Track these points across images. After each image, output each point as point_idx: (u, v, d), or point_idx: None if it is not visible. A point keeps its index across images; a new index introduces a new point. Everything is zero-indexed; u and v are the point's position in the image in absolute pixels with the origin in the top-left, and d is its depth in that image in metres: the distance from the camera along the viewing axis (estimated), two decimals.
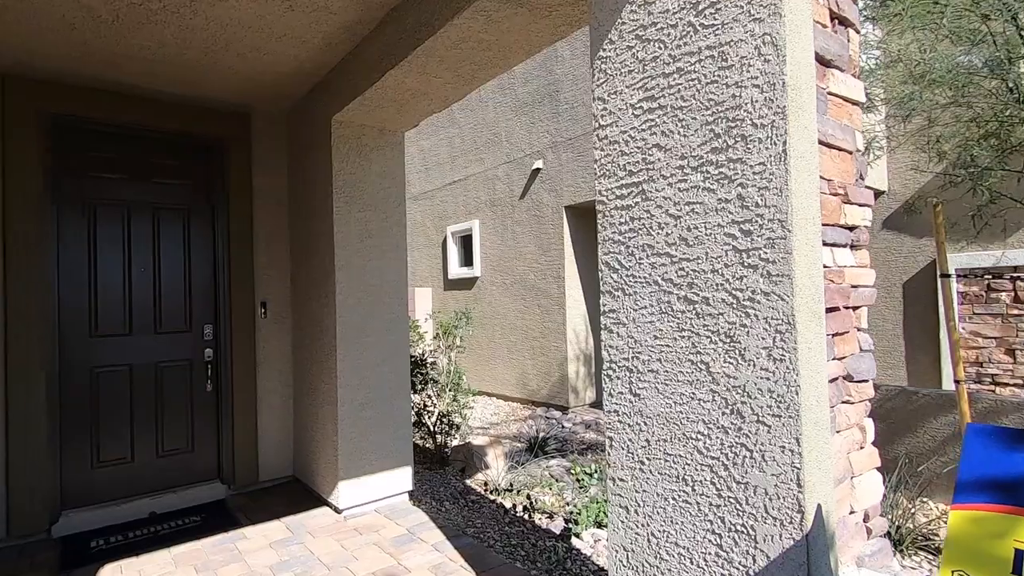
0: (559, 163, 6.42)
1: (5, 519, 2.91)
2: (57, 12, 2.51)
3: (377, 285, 3.37)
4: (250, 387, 3.68)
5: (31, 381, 2.99)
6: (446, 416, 4.87)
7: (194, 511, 3.35)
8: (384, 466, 3.36)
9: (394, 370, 3.43)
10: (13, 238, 2.96)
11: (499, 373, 7.33)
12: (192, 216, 3.61)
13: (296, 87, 3.47)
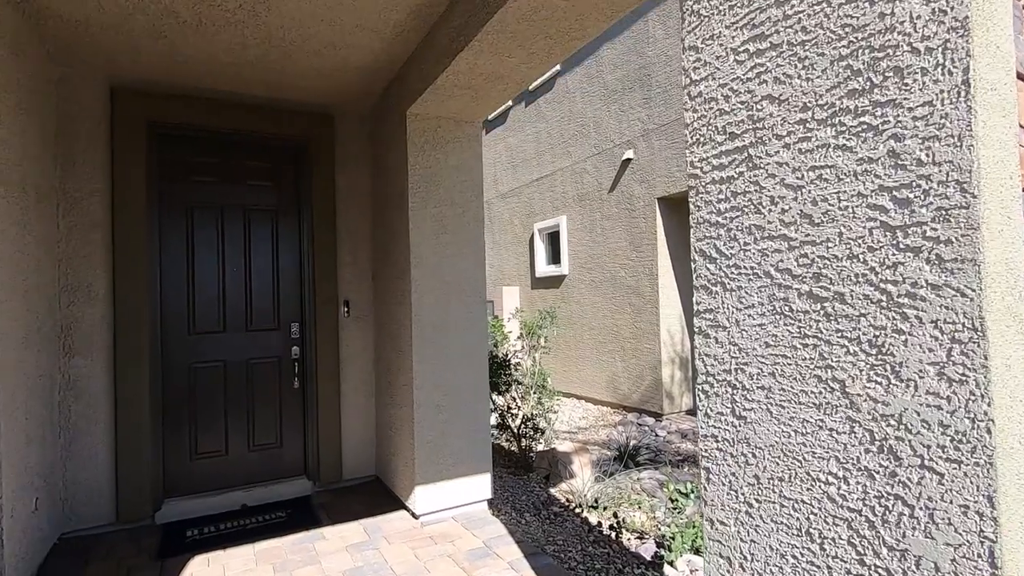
0: (651, 152, 5.99)
1: (115, 505, 3.10)
2: (149, 22, 2.61)
3: (454, 283, 3.24)
4: (334, 385, 3.70)
5: (137, 376, 3.17)
6: (530, 419, 4.67)
7: (281, 506, 3.41)
8: (462, 472, 3.22)
9: (472, 372, 3.28)
10: (122, 241, 3.15)
11: (587, 375, 7.02)
12: (280, 217, 3.70)
13: (373, 83, 3.42)
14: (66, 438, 3.01)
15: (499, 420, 4.76)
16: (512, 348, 5.20)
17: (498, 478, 4.31)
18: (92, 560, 2.76)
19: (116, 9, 2.48)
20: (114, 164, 3.16)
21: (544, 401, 4.77)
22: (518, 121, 8.59)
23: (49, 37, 2.72)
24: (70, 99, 3.08)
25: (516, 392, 4.79)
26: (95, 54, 2.91)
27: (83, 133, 3.11)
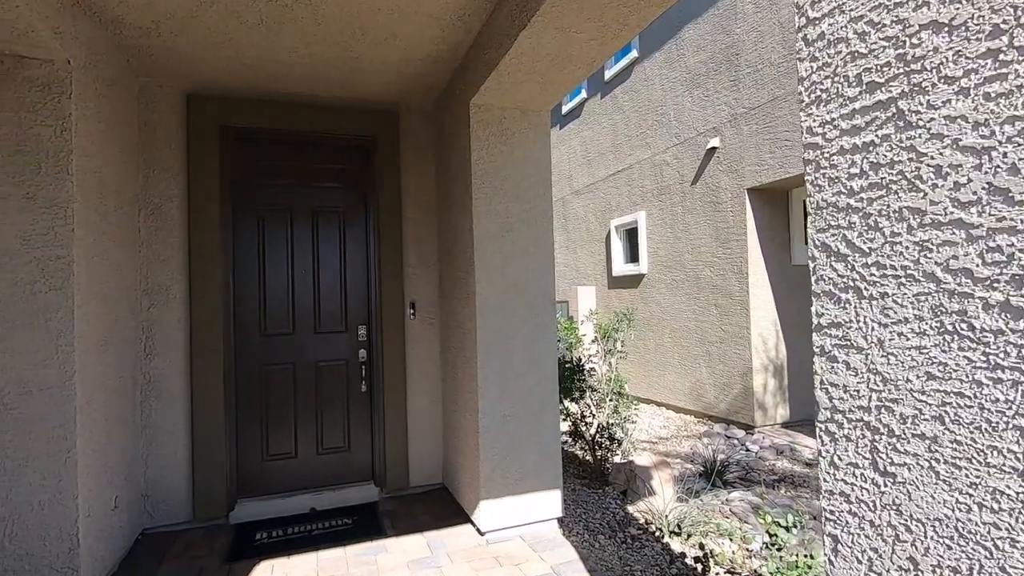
0: (740, 139, 5.47)
1: (192, 503, 3.17)
2: (214, 23, 2.60)
3: (520, 284, 3.02)
4: (400, 389, 3.61)
5: (212, 377, 3.22)
6: (606, 429, 4.36)
7: (347, 512, 3.35)
8: (530, 487, 3.00)
9: (541, 380, 3.05)
10: (197, 245, 3.22)
11: (668, 381, 6.57)
12: (346, 217, 3.65)
13: (437, 75, 3.28)
14: (147, 437, 3.11)
15: (572, 428, 4.50)
16: (586, 352, 4.91)
17: (571, 490, 4.05)
18: (168, 559, 2.81)
19: (182, 12, 2.49)
20: (189, 169, 3.23)
21: (621, 410, 4.44)
22: (593, 114, 8.25)
23: (127, 47, 2.79)
24: (150, 108, 3.17)
25: (590, 399, 4.50)
26: (170, 62, 2.96)
27: (162, 140, 3.19)
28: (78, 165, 2.35)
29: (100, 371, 2.54)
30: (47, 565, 2.24)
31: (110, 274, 2.68)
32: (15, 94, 2.25)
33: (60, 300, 2.28)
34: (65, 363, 2.27)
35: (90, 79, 2.47)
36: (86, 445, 2.36)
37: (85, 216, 2.41)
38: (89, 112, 2.46)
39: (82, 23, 2.40)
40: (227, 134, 3.34)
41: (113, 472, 2.67)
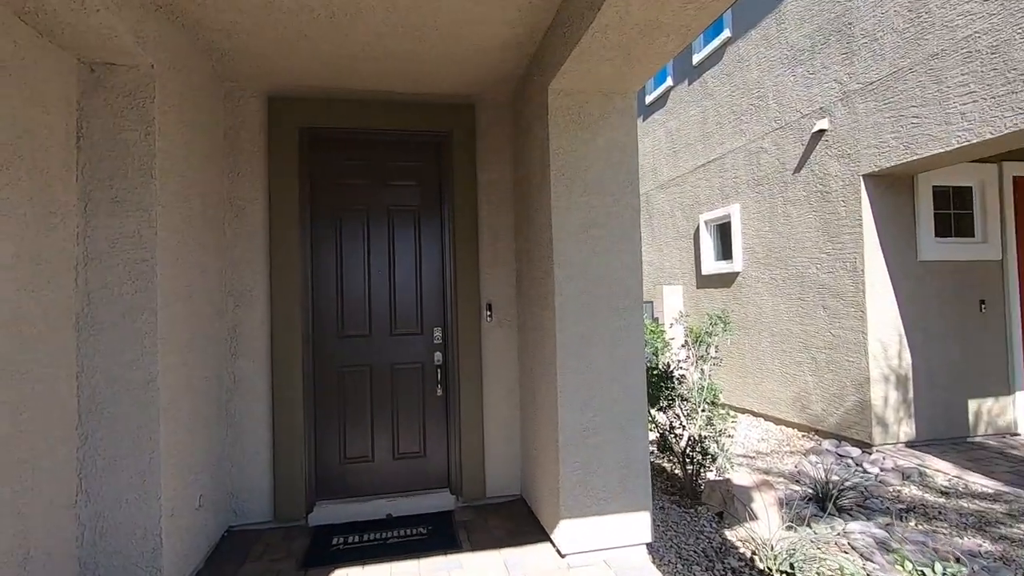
0: (854, 118, 4.84)
1: (272, 504, 3.19)
2: (287, 21, 2.56)
3: (604, 284, 2.76)
4: (476, 395, 3.46)
5: (292, 378, 3.23)
6: (698, 442, 3.98)
7: (423, 520, 3.24)
8: (614, 508, 2.73)
9: (627, 390, 2.77)
10: (278, 247, 3.24)
11: (767, 389, 5.99)
12: (422, 216, 3.56)
13: (514, 63, 3.08)
14: (232, 435, 3.16)
15: (659, 439, 4.15)
16: (675, 358, 4.53)
17: (659, 508, 3.72)
18: (248, 559, 2.82)
19: (256, 10, 2.46)
20: (270, 171, 3.25)
21: (716, 422, 4.04)
22: (680, 102, 7.74)
23: (211, 51, 2.83)
24: (235, 112, 3.23)
25: (680, 409, 4.13)
26: (251, 64, 2.98)
27: (246, 144, 3.24)
28: (161, 169, 2.38)
29: (184, 372, 2.57)
30: (134, 563, 2.28)
31: (194, 276, 2.71)
32: (105, 101, 2.31)
33: (145, 302, 2.31)
34: (149, 364, 2.30)
35: (173, 84, 2.50)
36: (169, 445, 2.39)
37: (168, 219, 2.44)
38: (173, 116, 2.49)
39: (165, 27, 2.43)
40: (305, 135, 3.33)
41: (198, 471, 2.71)
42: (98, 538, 2.26)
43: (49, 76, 2.11)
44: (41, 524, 2.03)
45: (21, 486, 1.93)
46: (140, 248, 2.32)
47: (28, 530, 1.96)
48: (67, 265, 2.22)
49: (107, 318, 2.29)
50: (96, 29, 2.05)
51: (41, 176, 2.07)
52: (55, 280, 2.14)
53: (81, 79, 2.29)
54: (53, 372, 2.12)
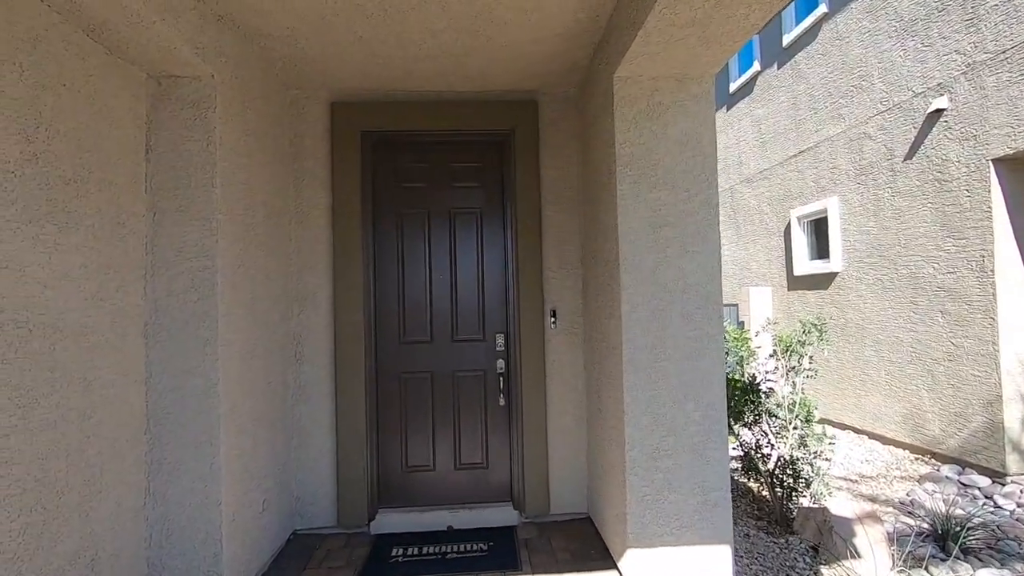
0: (981, 94, 4.17)
1: (336, 510, 3.18)
2: (345, 25, 2.52)
3: (677, 290, 2.49)
4: (539, 406, 3.28)
5: (354, 384, 3.21)
6: (789, 463, 3.56)
7: (484, 535, 3.11)
8: (689, 539, 2.45)
9: (704, 409, 2.48)
10: (340, 252, 3.23)
11: (872, 404, 5.34)
12: (484, 218, 3.43)
13: (577, 53, 2.87)
14: (298, 440, 3.19)
15: (743, 458, 3.76)
16: (762, 368, 4.11)
17: (742, 535, 3.37)
18: (309, 565, 2.82)
19: (311, 14, 2.43)
20: (333, 177, 3.25)
21: (810, 442, 3.60)
22: (768, 88, 7.14)
23: (274, 60, 2.86)
24: (300, 119, 3.26)
25: (767, 426, 3.73)
26: (312, 71, 2.99)
27: (310, 150, 3.26)
28: (222, 178, 2.40)
29: (248, 378, 2.60)
30: (196, 566, 2.31)
31: (258, 282, 2.74)
32: (170, 113, 2.36)
33: (207, 309, 2.34)
34: (209, 371, 2.33)
35: (235, 93, 2.53)
36: (230, 451, 2.41)
37: (230, 227, 2.47)
38: (234, 125, 2.52)
39: (225, 38, 2.46)
40: (367, 139, 3.31)
41: (262, 476, 2.74)
42: (164, 540, 2.32)
43: (117, 91, 2.18)
44: (109, 527, 2.09)
45: (89, 490, 1.99)
46: (202, 256, 2.35)
47: (96, 533, 2.02)
48: (137, 274, 2.29)
49: (171, 325, 2.34)
50: (155, 42, 2.08)
51: (110, 188, 2.13)
52: (124, 289, 2.20)
53: (150, 93, 2.36)
54: (122, 379, 2.18)
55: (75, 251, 1.95)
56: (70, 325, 1.91)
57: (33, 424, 1.75)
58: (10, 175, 1.68)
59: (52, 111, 1.85)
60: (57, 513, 1.84)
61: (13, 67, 1.70)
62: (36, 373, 1.76)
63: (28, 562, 1.71)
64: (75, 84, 1.96)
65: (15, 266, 1.69)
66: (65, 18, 1.89)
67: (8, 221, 1.67)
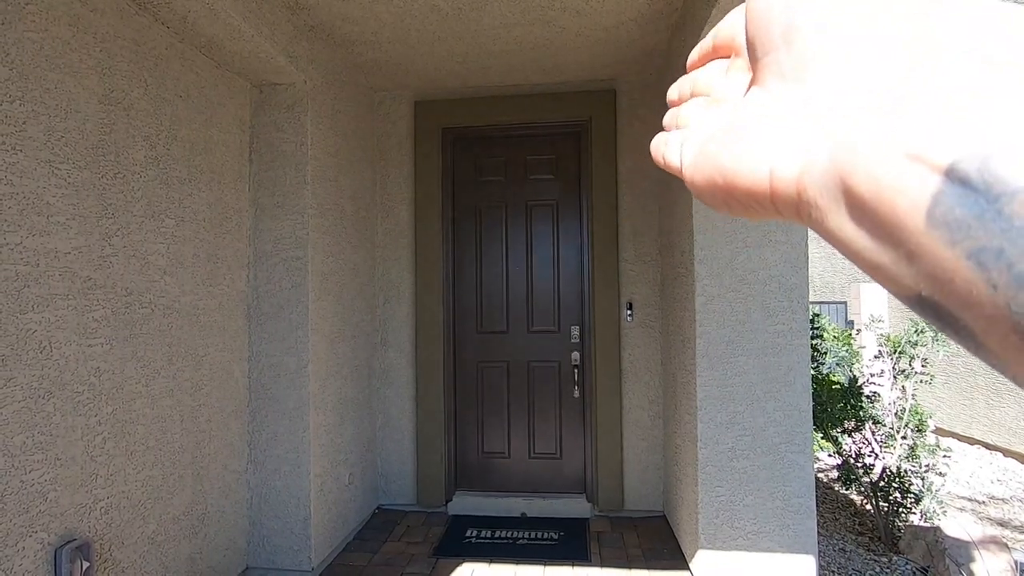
0: None
1: (415, 489, 3.35)
2: (424, 26, 2.63)
3: (756, 282, 2.35)
4: (615, 399, 3.24)
5: (434, 370, 3.36)
6: (896, 476, 3.23)
7: (555, 525, 3.13)
8: (766, 545, 2.31)
9: (785, 408, 2.33)
10: (423, 244, 3.39)
11: (1004, 416, 4.69)
12: (560, 210, 3.43)
13: (653, 37, 2.79)
14: (382, 420, 3.40)
15: (843, 466, 3.46)
16: (866, 370, 3.75)
17: (838, 549, 3.12)
18: (390, 539, 3.00)
19: (391, 18, 2.57)
20: (416, 173, 3.42)
21: (922, 454, 3.24)
22: None
23: (362, 64, 3.06)
24: (386, 119, 3.46)
25: (871, 433, 3.40)
26: (397, 72, 3.16)
27: (395, 148, 3.45)
28: (313, 175, 2.62)
29: (334, 360, 2.81)
30: (289, 528, 2.55)
31: (345, 273, 2.95)
32: (269, 117, 2.61)
33: (298, 296, 2.57)
34: (301, 352, 2.55)
35: (325, 97, 2.74)
36: (318, 426, 2.63)
37: (320, 221, 2.68)
38: (324, 127, 2.73)
39: (316, 46, 2.66)
40: (447, 135, 3.43)
41: (348, 451, 2.95)
42: (262, 502, 2.58)
43: (224, 100, 2.44)
44: (217, 486, 2.37)
45: (200, 452, 2.27)
46: (296, 247, 2.58)
47: (205, 491, 2.29)
48: (241, 263, 2.56)
49: (269, 310, 2.59)
50: (255, 54, 2.31)
51: (218, 187, 2.40)
52: (230, 276, 2.47)
53: (252, 100, 2.62)
54: (228, 356, 2.46)
55: (189, 242, 2.22)
56: (185, 307, 2.19)
57: (155, 391, 2.02)
58: (137, 176, 1.95)
59: (171, 120, 2.12)
60: (174, 470, 2.12)
61: (139, 83, 1.97)
62: (157, 348, 2.04)
63: (150, 509, 1.99)
64: (189, 95, 2.22)
65: (140, 254, 1.96)
66: (181, 38, 2.16)
67: (135, 216, 1.94)
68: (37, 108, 1.56)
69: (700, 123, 0.28)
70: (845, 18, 0.19)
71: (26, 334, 1.52)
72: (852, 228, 0.18)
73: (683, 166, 0.28)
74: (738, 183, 0.23)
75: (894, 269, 0.17)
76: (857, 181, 0.17)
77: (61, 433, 1.63)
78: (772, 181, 0.21)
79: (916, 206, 0.16)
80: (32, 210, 1.54)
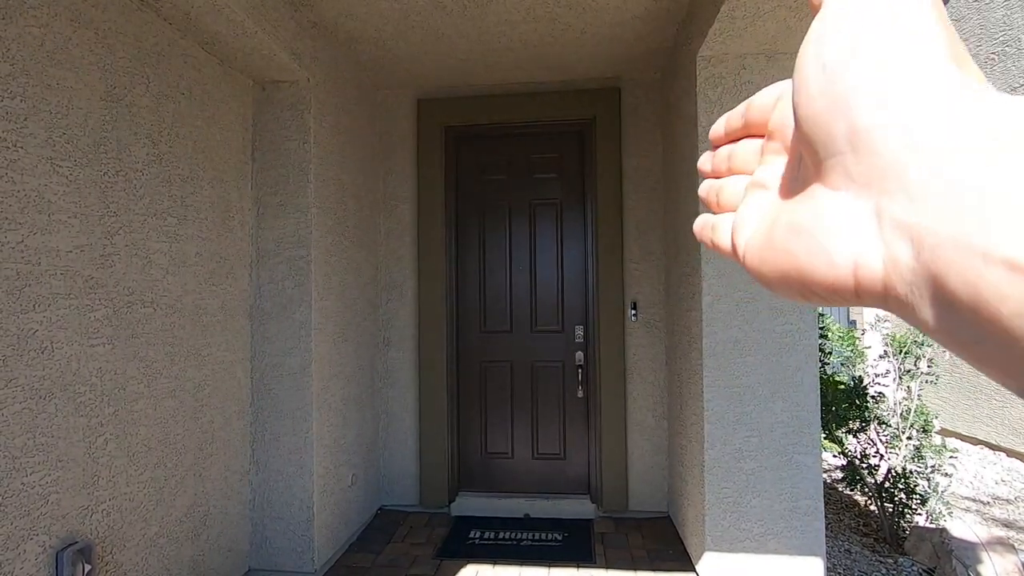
0: None
1: (418, 490, 3.33)
2: (427, 22, 2.61)
3: None
4: (619, 400, 3.22)
5: (437, 370, 3.34)
6: (901, 477, 3.21)
7: (559, 526, 3.11)
8: (774, 547, 2.29)
9: (792, 409, 2.31)
10: (425, 243, 3.37)
11: (1013, 416, 4.67)
12: (564, 209, 3.41)
13: (659, 35, 2.77)
14: (384, 421, 3.38)
15: (848, 467, 3.44)
16: (870, 370, 3.73)
17: (843, 550, 3.10)
18: (393, 540, 2.98)
19: (395, 15, 2.54)
20: (419, 172, 3.39)
21: (927, 454, 3.23)
22: None
23: (365, 63, 3.03)
24: (388, 117, 3.43)
25: (876, 433, 3.39)
26: (399, 70, 3.14)
27: (398, 147, 3.43)
28: (316, 174, 2.59)
29: (337, 360, 2.79)
30: (292, 530, 2.53)
31: (348, 272, 2.93)
32: (272, 115, 2.58)
33: (301, 295, 2.55)
34: (304, 352, 2.53)
35: (328, 95, 2.71)
36: (321, 427, 2.61)
37: (323, 220, 2.66)
38: (327, 125, 2.71)
39: (320, 44, 2.64)
40: (449, 134, 3.41)
41: (351, 452, 2.93)
42: (265, 504, 2.56)
43: (227, 97, 2.42)
44: (219, 487, 2.34)
45: (203, 453, 2.25)
46: (298, 247, 2.56)
47: (208, 492, 2.27)
48: (243, 262, 2.54)
49: (271, 310, 2.57)
50: (258, 51, 2.29)
51: (221, 185, 2.38)
52: (232, 275, 2.45)
53: (255, 98, 2.60)
54: (230, 356, 2.43)
55: (191, 241, 2.20)
56: (187, 306, 2.16)
57: (157, 391, 2.00)
58: (139, 173, 1.93)
59: (173, 117, 2.09)
60: (176, 471, 2.09)
61: (141, 80, 1.94)
62: (159, 348, 2.02)
63: (152, 511, 1.97)
64: (192, 92, 2.20)
65: (142, 253, 1.94)
66: (183, 34, 2.13)
67: (137, 214, 1.92)
68: (38, 104, 1.54)
69: (750, 210, 0.29)
70: (925, 125, 0.19)
71: (27, 334, 1.50)
72: (949, 320, 0.18)
73: (742, 255, 0.29)
74: (816, 279, 0.23)
75: (999, 356, 0.17)
76: (953, 287, 0.17)
77: (62, 434, 1.61)
78: (857, 278, 0.22)
79: (1019, 313, 0.16)
80: (33, 208, 1.52)
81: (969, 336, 0.18)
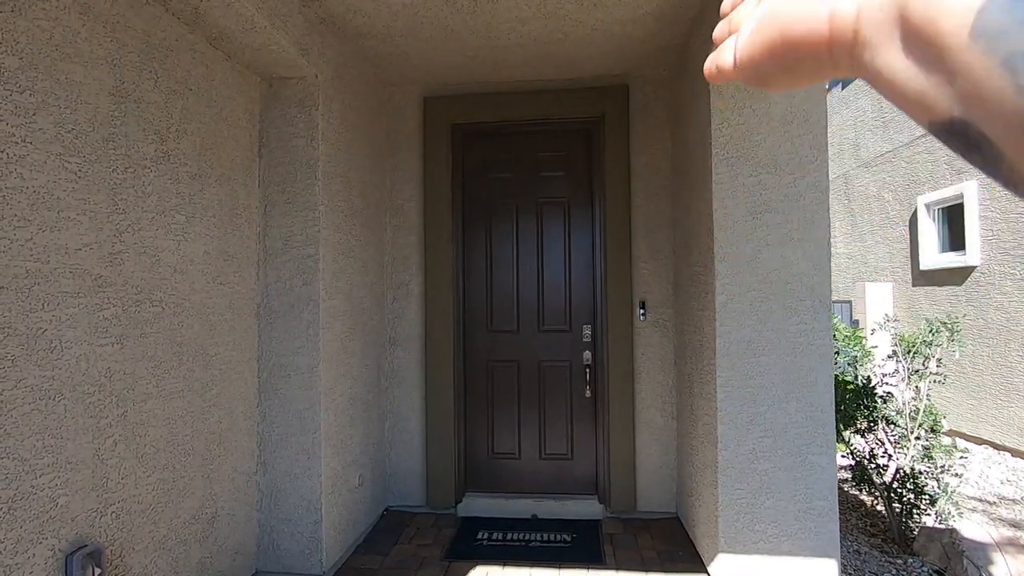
0: None
1: (425, 491, 3.31)
2: (436, 18, 2.58)
3: (778, 281, 2.31)
4: (627, 400, 3.19)
5: (444, 370, 3.31)
6: (910, 477, 3.20)
7: (568, 527, 3.09)
8: (787, 549, 2.28)
9: (807, 409, 2.29)
10: (431, 242, 3.34)
11: (1016, 416, 4.67)
12: (572, 208, 3.39)
13: (670, 32, 2.74)
14: (391, 421, 3.35)
15: (855, 467, 3.43)
16: (878, 371, 3.72)
17: (852, 550, 3.09)
18: (400, 541, 2.96)
19: (404, 10, 2.51)
20: (425, 169, 3.36)
21: (936, 455, 3.21)
22: None
23: (373, 59, 3.00)
24: (395, 115, 3.40)
25: (884, 434, 3.37)
26: (407, 67, 3.11)
27: (404, 144, 3.40)
28: (324, 171, 2.56)
29: (344, 360, 2.76)
30: (299, 531, 2.50)
31: (355, 271, 2.90)
32: (279, 112, 2.55)
33: (310, 294, 2.52)
34: (312, 352, 2.50)
35: (336, 92, 2.68)
36: (329, 427, 2.58)
37: (331, 218, 2.63)
38: (335, 122, 2.68)
39: (328, 40, 2.61)
40: (457, 132, 3.38)
41: (358, 453, 2.90)
42: (273, 505, 2.53)
43: (235, 94, 2.39)
44: (227, 488, 2.31)
45: (211, 454, 2.22)
46: (306, 245, 2.52)
47: (216, 493, 2.24)
48: (251, 261, 2.51)
49: (279, 309, 2.53)
50: (267, 46, 2.26)
51: (228, 183, 2.35)
52: (240, 274, 2.42)
53: (262, 94, 2.57)
54: (238, 355, 2.40)
55: (199, 239, 2.16)
56: (195, 305, 2.13)
57: (165, 391, 1.97)
58: (147, 171, 1.89)
59: (181, 113, 2.06)
60: (184, 472, 2.06)
61: (150, 75, 1.91)
62: (167, 347, 1.99)
63: (161, 513, 1.94)
64: (200, 88, 2.17)
65: (151, 251, 1.91)
66: (191, 29, 2.10)
67: (146, 212, 1.89)
68: (47, 99, 1.51)
69: (747, 21, 0.32)
70: None
71: (36, 333, 1.47)
72: (900, 61, 0.22)
73: (736, 54, 0.32)
74: (796, 30, 0.27)
75: (932, 94, 0.21)
76: (912, 9, 0.21)
77: (71, 436, 1.58)
78: (831, 23, 0.25)
79: (961, 23, 0.19)
80: (43, 205, 1.49)
81: (916, 76, 0.22)
